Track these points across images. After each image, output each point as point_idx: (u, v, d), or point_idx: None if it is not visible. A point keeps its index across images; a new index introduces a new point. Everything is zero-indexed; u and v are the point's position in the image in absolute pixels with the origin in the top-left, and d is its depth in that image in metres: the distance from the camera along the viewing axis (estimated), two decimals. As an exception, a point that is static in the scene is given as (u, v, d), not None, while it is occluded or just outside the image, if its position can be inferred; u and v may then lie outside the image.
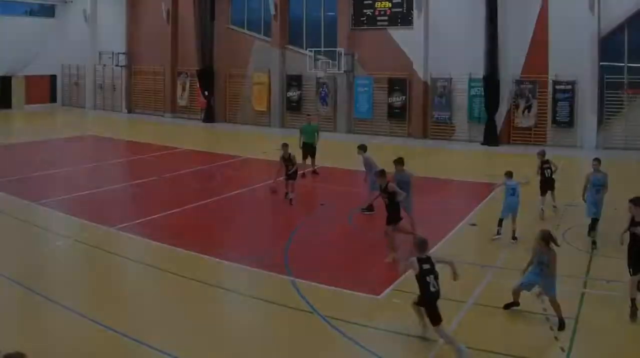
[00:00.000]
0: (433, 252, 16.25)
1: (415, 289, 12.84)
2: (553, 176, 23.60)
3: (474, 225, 22.35)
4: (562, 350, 12.32)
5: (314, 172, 31.21)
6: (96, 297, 15.34)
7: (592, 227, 19.63)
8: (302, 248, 18.99)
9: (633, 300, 13.77)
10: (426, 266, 12.46)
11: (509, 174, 20.58)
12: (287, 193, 24.87)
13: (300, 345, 12.93)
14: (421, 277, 12.43)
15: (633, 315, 13.48)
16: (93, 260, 18.29)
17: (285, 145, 25.53)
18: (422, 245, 12.94)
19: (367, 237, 20.61)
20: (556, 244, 13.90)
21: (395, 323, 13.60)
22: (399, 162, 20.68)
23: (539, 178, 23.54)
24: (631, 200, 14.83)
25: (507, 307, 14.28)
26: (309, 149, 31.22)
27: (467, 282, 15.21)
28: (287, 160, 25.03)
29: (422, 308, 12.72)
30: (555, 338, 12.82)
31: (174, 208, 23.78)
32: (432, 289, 12.34)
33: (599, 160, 20.73)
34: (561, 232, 20.27)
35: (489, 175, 28.83)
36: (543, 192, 23.43)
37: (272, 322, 14.06)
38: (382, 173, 18.55)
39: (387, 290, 15.45)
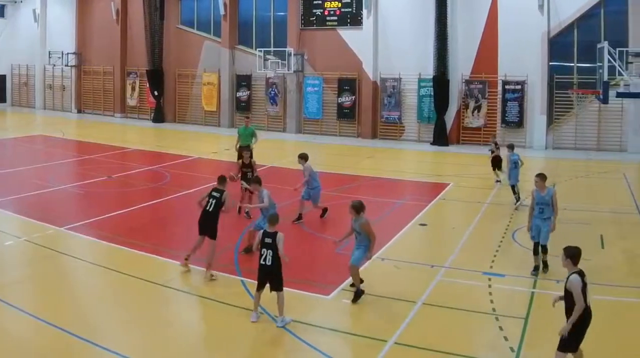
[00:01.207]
0: (383, 251, 17.33)
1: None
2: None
3: (423, 225, 21.21)
4: (512, 350, 11.77)
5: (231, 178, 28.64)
6: (45, 297, 14.66)
7: (534, 251, 16.33)
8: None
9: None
10: (267, 240, 12.82)
11: (512, 147, 22.62)
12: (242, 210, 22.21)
13: (251, 344, 12.47)
14: (260, 247, 12.94)
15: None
16: (42, 259, 17.28)
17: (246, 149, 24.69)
18: (271, 219, 13.29)
19: (317, 237, 19.74)
20: (357, 213, 14.13)
21: (344, 323, 13.31)
22: (303, 157, 21.53)
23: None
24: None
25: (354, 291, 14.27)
26: (244, 152, 28.10)
27: (418, 282, 15.21)
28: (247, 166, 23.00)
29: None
30: (505, 338, 12.21)
31: (123, 208, 22.90)
32: (261, 261, 12.85)
33: (541, 176, 16.71)
34: (511, 232, 19.74)
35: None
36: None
37: (222, 321, 13.40)
38: None
39: (336, 291, 14.82)
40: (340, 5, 46.38)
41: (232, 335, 12.68)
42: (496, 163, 27.95)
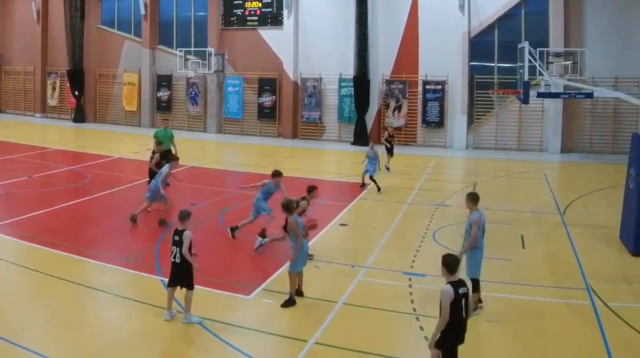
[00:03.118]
0: None
1: (283, 288, 12.99)
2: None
3: (344, 225, 19.65)
4: None
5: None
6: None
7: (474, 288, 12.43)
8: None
9: None
10: (176, 238, 11.82)
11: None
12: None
13: (171, 344, 11.43)
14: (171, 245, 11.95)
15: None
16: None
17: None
18: (179, 216, 12.12)
19: (238, 237, 17.64)
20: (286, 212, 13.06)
21: (265, 323, 12.21)
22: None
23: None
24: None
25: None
26: (165, 156, 24.36)
27: (338, 282, 14.30)
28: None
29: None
30: (426, 338, 11.07)
31: (43, 208, 20.83)
32: (171, 258, 11.89)
33: (469, 196, 13.02)
34: (432, 232, 18.47)
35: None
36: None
37: (143, 322, 12.18)
38: None
39: (257, 291, 13.71)
40: (260, 5, 41.76)
41: (152, 335, 11.57)
42: (390, 153, 28.79)
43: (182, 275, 11.81)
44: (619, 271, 15.06)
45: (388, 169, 28.25)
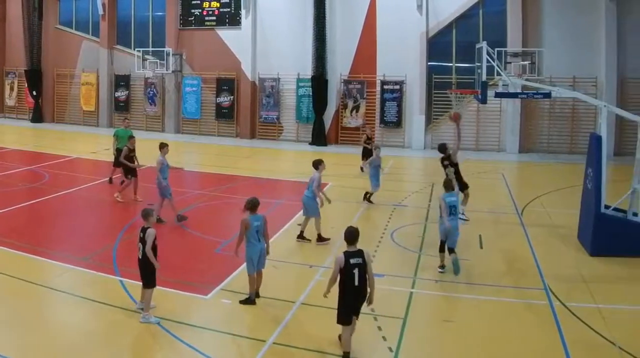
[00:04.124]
0: None
1: (241, 288, 12.63)
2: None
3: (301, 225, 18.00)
4: (390, 350, 10.45)
5: (110, 180, 24.23)
6: None
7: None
8: (130, 248, 15.32)
9: None
10: (141, 235, 11.36)
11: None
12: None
13: (129, 345, 10.74)
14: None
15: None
16: None
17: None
18: (142, 214, 11.69)
19: (196, 237, 17.32)
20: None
21: (224, 323, 11.55)
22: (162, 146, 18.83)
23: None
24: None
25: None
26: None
27: (296, 282, 13.81)
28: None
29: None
30: (384, 338, 10.80)
31: (1, 209, 19.80)
32: (138, 255, 11.36)
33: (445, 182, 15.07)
34: (389, 232, 17.65)
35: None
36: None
37: (101, 322, 11.40)
38: None
39: (215, 291, 13.03)
40: (218, 5, 39.16)
41: (110, 335, 10.97)
42: (367, 154, 25.91)
43: (141, 272, 11.41)
44: (577, 271, 14.48)
45: (363, 169, 26.10)
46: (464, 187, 18.48)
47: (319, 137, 35.83)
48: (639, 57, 30.85)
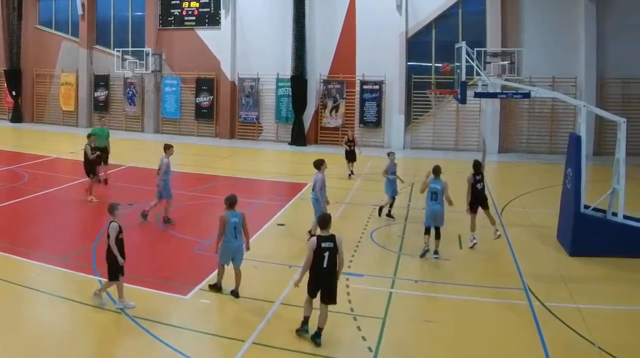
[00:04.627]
0: None
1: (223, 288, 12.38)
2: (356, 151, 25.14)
3: (281, 225, 18.31)
4: (370, 350, 10.23)
5: (105, 181, 23.42)
6: None
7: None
8: None
9: None
10: (121, 236, 11.47)
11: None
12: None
13: (109, 345, 10.62)
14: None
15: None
16: None
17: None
18: (109, 210, 11.77)
19: (176, 238, 16.89)
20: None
21: (203, 323, 11.38)
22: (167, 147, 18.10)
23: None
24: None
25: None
26: (101, 154, 23.30)
27: (276, 282, 13.30)
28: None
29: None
30: (363, 338, 10.58)
31: None
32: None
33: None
34: (369, 232, 17.32)
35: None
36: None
37: (80, 322, 11.22)
38: None
39: (194, 291, 12.62)
40: (198, 5, 38.08)
41: (88, 334, 10.81)
42: (350, 157, 25.34)
43: (107, 266, 11.44)
44: (557, 271, 14.19)
45: (351, 174, 25.33)
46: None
47: (299, 137, 34.81)
48: (618, 57, 30.25)
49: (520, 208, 20.27)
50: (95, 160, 20.98)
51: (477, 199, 16.07)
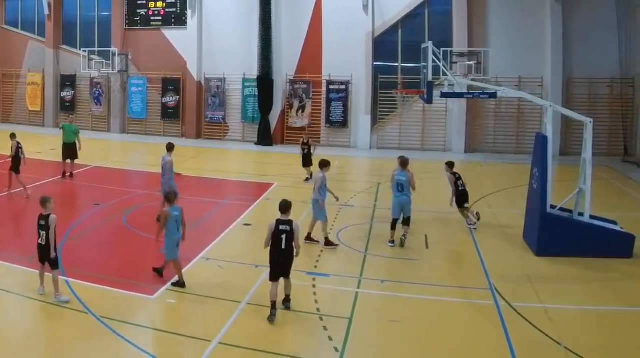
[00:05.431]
0: (207, 251, 14.80)
1: (187, 288, 12.21)
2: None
3: (248, 225, 17.74)
4: (336, 350, 9.92)
5: (71, 175, 23.65)
6: None
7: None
8: (76, 248, 14.95)
9: None
10: (42, 222, 11.44)
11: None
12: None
13: (74, 345, 10.11)
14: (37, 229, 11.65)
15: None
16: None
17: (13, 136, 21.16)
18: (41, 203, 11.69)
19: (141, 237, 16.36)
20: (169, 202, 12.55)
21: (169, 323, 11.17)
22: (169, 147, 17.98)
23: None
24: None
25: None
26: (70, 150, 23.92)
27: (242, 282, 12.87)
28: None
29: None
30: (330, 338, 10.26)
31: None
32: (38, 241, 11.54)
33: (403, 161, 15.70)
34: (335, 232, 16.57)
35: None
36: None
37: (46, 322, 11.00)
38: None
39: (161, 291, 12.16)
40: (164, 5, 36.21)
41: (53, 334, 10.43)
42: (306, 162, 23.70)
43: (47, 256, 11.34)
44: (523, 271, 13.82)
45: (307, 179, 23.26)
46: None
47: (265, 137, 33.20)
48: (585, 57, 29.08)
49: (486, 208, 19.48)
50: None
51: (462, 197, 17.06)
